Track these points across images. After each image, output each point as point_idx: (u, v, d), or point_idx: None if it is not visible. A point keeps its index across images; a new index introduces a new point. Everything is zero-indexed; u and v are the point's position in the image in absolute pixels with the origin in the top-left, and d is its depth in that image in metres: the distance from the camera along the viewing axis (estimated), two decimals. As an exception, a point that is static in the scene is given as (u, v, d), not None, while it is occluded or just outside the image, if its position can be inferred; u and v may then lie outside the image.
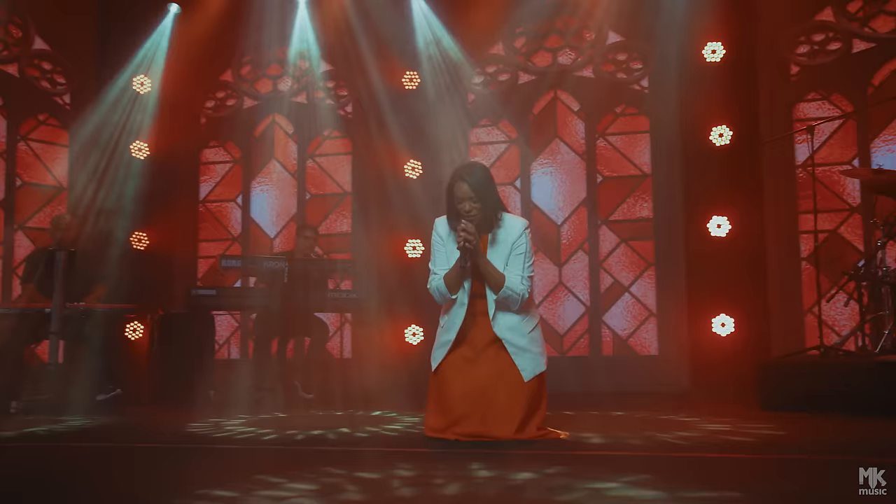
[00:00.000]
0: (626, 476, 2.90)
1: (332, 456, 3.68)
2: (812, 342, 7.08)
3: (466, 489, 2.78)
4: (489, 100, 8.08)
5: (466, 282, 3.94)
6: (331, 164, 8.49)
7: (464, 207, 3.90)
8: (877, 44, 7.28)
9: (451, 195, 3.95)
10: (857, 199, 7.19)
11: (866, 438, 3.93)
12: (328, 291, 7.01)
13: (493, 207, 3.94)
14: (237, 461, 3.64)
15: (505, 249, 3.94)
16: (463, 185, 3.89)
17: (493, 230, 3.98)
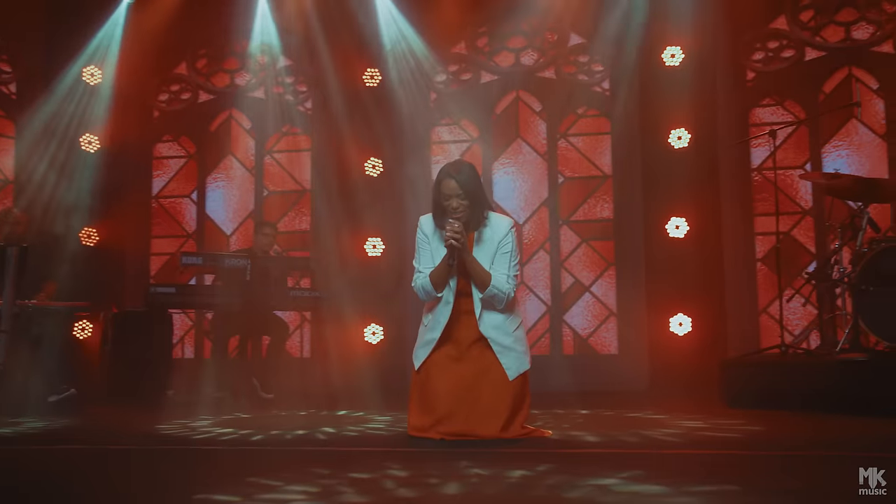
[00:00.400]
0: (626, 472, 2.93)
1: (321, 456, 3.62)
2: (767, 341, 7.28)
3: (465, 488, 2.76)
4: (452, 98, 8.07)
5: (452, 280, 3.92)
6: (290, 160, 8.36)
7: (451, 205, 3.87)
8: (827, 52, 7.51)
9: (438, 192, 3.92)
10: (809, 202, 7.40)
11: (845, 435, 4.04)
12: (291, 290, 6.92)
13: (479, 205, 3.94)
14: (227, 463, 3.55)
15: (491, 248, 3.93)
16: (451, 182, 3.87)
17: (480, 229, 3.97)
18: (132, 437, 4.33)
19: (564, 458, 3.45)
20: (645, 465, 3.17)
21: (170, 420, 4.97)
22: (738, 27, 7.59)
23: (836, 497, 2.58)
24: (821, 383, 4.95)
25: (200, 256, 6.55)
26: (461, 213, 3.87)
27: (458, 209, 3.87)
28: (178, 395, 6.57)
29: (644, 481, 2.80)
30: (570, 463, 3.30)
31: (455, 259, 3.81)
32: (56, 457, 3.74)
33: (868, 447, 3.58)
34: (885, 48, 7.43)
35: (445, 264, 3.87)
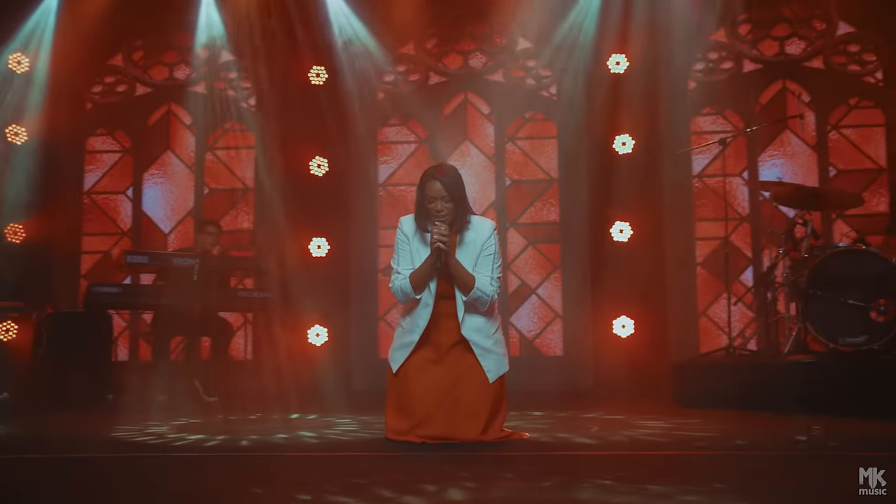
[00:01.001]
0: (624, 473, 2.97)
1: (307, 462, 3.55)
2: (706, 343, 7.52)
3: (471, 494, 2.75)
4: (399, 99, 8.04)
5: (432, 283, 3.90)
6: (232, 157, 8.17)
7: (436, 207, 3.85)
8: (763, 65, 7.81)
9: (422, 194, 3.89)
10: (746, 209, 7.67)
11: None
12: (239, 290, 6.75)
13: (463, 208, 3.93)
14: (221, 472, 3.42)
15: (474, 250, 3.92)
16: (436, 184, 3.85)
17: (462, 231, 3.95)
18: (100, 444, 4.13)
19: (561, 460, 3.47)
20: (644, 467, 3.23)
21: (122, 425, 4.77)
22: (681, 38, 7.79)
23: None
24: (771, 384, 5.13)
25: (146, 255, 6.31)
26: (445, 215, 3.86)
27: (442, 212, 3.85)
28: (117, 398, 6.33)
29: (647, 482, 2.85)
30: (569, 465, 3.33)
31: (441, 261, 3.78)
32: (15, 468, 3.53)
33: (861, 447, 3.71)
34: (815, 63, 7.78)
35: (428, 266, 3.84)
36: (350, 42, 7.88)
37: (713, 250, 7.68)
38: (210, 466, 3.49)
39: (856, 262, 5.21)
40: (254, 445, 3.98)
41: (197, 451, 3.84)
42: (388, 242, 7.96)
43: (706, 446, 3.76)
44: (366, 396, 6.86)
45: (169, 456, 3.74)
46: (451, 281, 3.88)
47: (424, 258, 3.89)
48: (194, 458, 3.71)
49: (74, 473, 3.35)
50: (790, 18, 7.80)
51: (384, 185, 8.07)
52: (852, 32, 7.77)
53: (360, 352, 7.73)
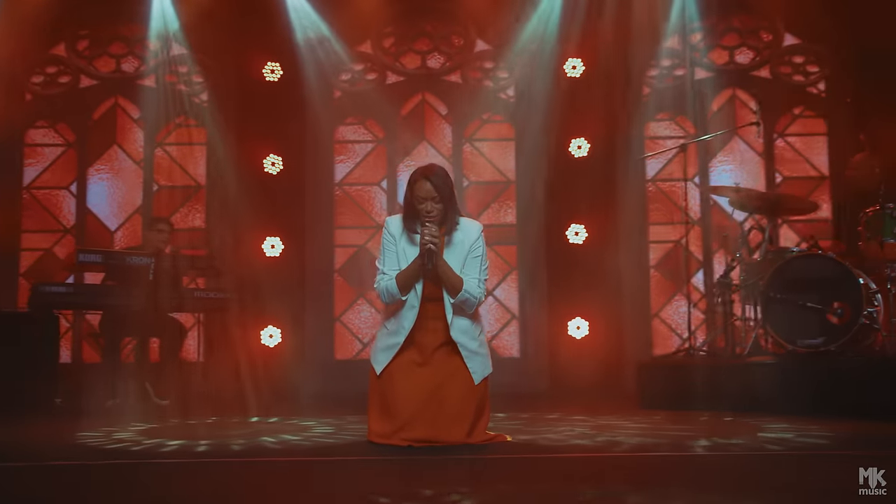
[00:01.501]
0: (630, 475, 2.99)
1: (304, 467, 3.47)
2: (659, 345, 7.68)
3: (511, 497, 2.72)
4: (356, 98, 7.96)
5: (418, 284, 3.86)
6: (183, 154, 7.94)
7: (425, 207, 3.81)
8: (714, 74, 8.01)
9: (411, 194, 3.85)
10: (698, 213, 7.85)
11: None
12: (196, 291, 6.57)
13: (452, 209, 3.89)
14: (204, 479, 3.31)
15: (462, 252, 3.90)
16: (426, 185, 3.81)
17: (451, 232, 3.92)
18: (66, 450, 3.96)
19: (555, 463, 3.48)
20: (642, 468, 3.27)
21: (90, 430, 4.58)
22: (636, 44, 7.92)
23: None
24: (733, 384, 5.25)
25: (100, 254, 6.08)
26: (435, 215, 3.82)
27: (431, 212, 3.81)
28: (65, 402, 6.09)
29: (650, 483, 2.88)
30: (565, 468, 3.35)
31: (431, 263, 3.74)
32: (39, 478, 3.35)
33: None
34: (763, 73, 8.02)
35: (416, 268, 3.80)
36: (307, 39, 7.76)
37: (666, 253, 7.84)
38: (198, 473, 3.38)
39: (813, 266, 5.38)
40: (241, 450, 3.86)
41: (189, 458, 3.70)
42: (345, 242, 7.91)
43: (698, 446, 3.81)
44: (323, 398, 6.77)
45: (160, 463, 3.60)
46: (437, 283, 3.85)
47: (412, 259, 3.84)
48: (188, 464, 3.57)
49: (66, 481, 3.20)
50: (739, 29, 8.03)
51: (340, 184, 7.98)
52: (797, 44, 8.04)
53: (315, 353, 7.62)
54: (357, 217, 7.92)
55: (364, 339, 7.80)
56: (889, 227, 5.39)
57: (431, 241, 3.72)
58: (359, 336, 7.82)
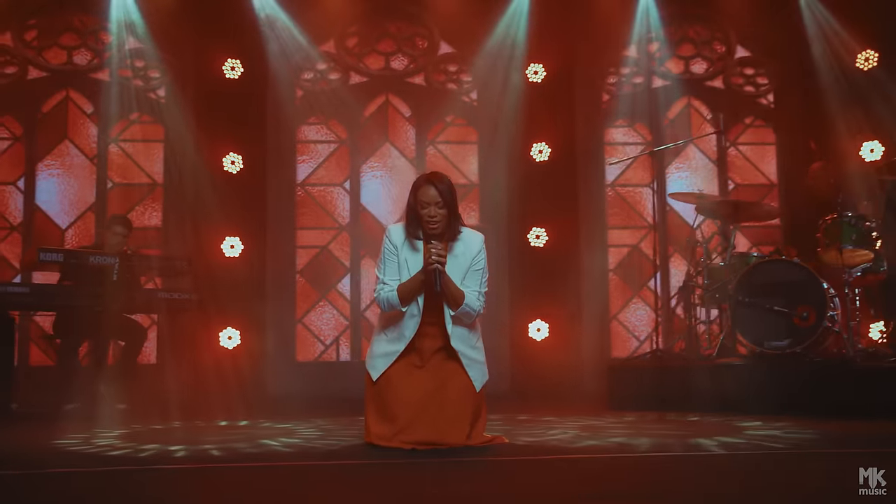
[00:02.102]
0: (663, 477, 3.05)
1: (315, 472, 3.42)
2: (617, 347, 7.84)
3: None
4: (319, 97, 7.88)
5: (420, 296, 3.85)
6: (139, 150, 7.72)
7: (429, 212, 3.79)
8: (671, 82, 8.22)
9: (415, 199, 3.83)
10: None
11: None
12: (159, 292, 6.38)
13: (456, 217, 3.88)
14: (208, 486, 3.22)
15: (464, 263, 3.90)
16: (431, 190, 3.80)
17: (453, 241, 3.91)
18: (59, 457, 3.80)
19: (563, 464, 3.51)
20: (644, 469, 3.33)
21: (66, 436, 4.41)
22: (596, 51, 8.08)
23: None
24: (703, 386, 5.40)
25: (62, 253, 5.84)
26: (438, 221, 3.81)
27: (435, 217, 3.80)
28: (21, 408, 5.85)
29: (657, 484, 2.95)
30: (576, 469, 3.39)
31: (440, 284, 3.72)
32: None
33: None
34: (716, 83, 8.28)
35: (419, 282, 3.78)
36: (269, 36, 7.64)
37: (624, 257, 8.01)
38: (198, 479, 3.29)
39: (779, 270, 5.58)
40: (236, 455, 3.77)
41: (192, 463, 3.60)
42: (307, 243, 7.82)
43: (710, 447, 3.90)
44: (286, 401, 6.69)
45: (161, 469, 3.50)
46: (439, 295, 3.82)
47: (413, 268, 3.83)
48: (185, 470, 3.48)
49: (72, 489, 3.08)
50: (695, 40, 8.27)
51: (303, 184, 7.88)
52: (748, 56, 8.32)
53: (276, 356, 7.50)
54: (319, 218, 7.84)
55: (326, 341, 7.73)
56: (847, 235, 5.62)
57: (438, 260, 3.70)
58: (321, 338, 7.74)
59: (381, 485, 3.09)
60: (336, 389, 7.15)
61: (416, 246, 3.88)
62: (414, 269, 3.84)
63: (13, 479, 3.24)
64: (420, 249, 3.87)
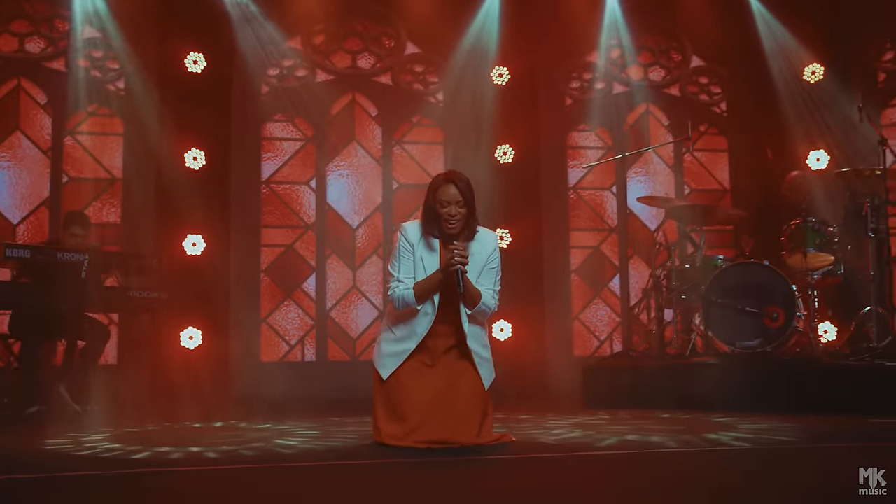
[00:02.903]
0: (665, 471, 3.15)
1: (334, 473, 3.39)
2: (578, 348, 7.98)
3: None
4: (285, 94, 7.77)
5: (435, 295, 3.86)
6: (97, 144, 7.46)
7: (449, 211, 3.80)
8: (630, 88, 8.42)
9: (433, 198, 3.83)
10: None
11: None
12: (130, 290, 6.18)
13: (474, 216, 3.90)
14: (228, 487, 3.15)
15: (479, 262, 3.92)
16: (451, 188, 3.81)
17: (469, 241, 3.93)
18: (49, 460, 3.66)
19: (582, 461, 3.58)
20: (660, 464, 3.43)
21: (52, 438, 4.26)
22: (560, 56, 8.21)
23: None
24: (677, 384, 5.59)
25: (28, 249, 5.60)
26: (458, 220, 3.82)
27: (455, 216, 3.81)
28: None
29: (671, 476, 3.05)
30: (598, 465, 3.45)
31: (463, 285, 3.72)
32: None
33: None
34: (673, 91, 8.53)
35: (436, 281, 3.79)
36: (234, 31, 7.50)
37: (586, 258, 8.16)
38: (212, 481, 3.23)
39: (751, 273, 5.80)
40: (253, 456, 3.71)
41: (202, 465, 3.52)
42: (272, 242, 7.71)
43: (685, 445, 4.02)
44: (251, 402, 6.58)
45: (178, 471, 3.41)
46: (451, 291, 3.84)
47: (429, 267, 3.84)
48: (197, 472, 3.40)
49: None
50: (653, 48, 8.48)
51: (268, 182, 7.76)
52: (702, 66, 8.59)
53: (239, 356, 7.36)
54: (284, 216, 7.74)
55: (291, 341, 7.63)
56: (811, 239, 5.90)
57: (461, 261, 3.70)
58: (286, 338, 7.63)
59: (403, 484, 3.10)
60: (301, 390, 7.08)
61: (432, 244, 3.89)
62: (430, 267, 3.85)
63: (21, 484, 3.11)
64: (436, 248, 3.88)
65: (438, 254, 3.88)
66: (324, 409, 6.00)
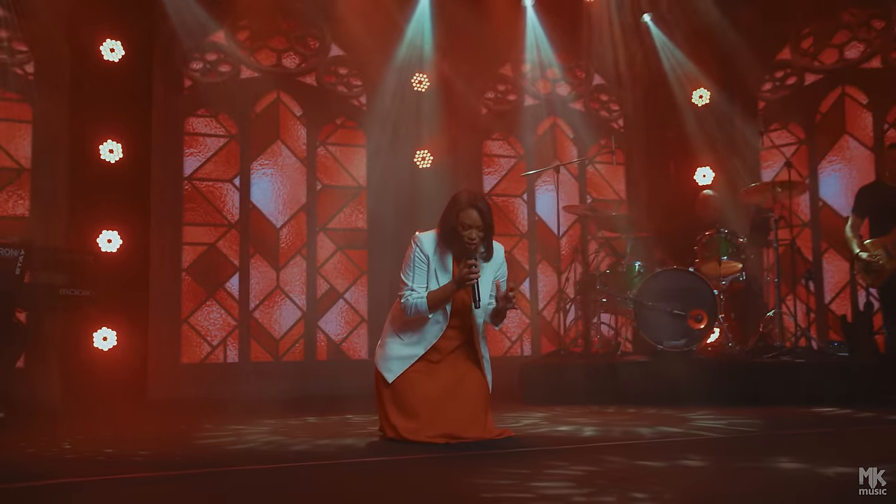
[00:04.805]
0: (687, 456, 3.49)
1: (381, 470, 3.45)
2: (494, 348, 8.29)
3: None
4: (208, 89, 7.58)
5: (447, 304, 4.02)
6: (2, 131, 6.97)
7: (470, 234, 3.93)
8: (540, 101, 8.86)
9: (455, 219, 3.93)
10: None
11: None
12: (61, 289, 5.84)
13: (490, 237, 4.05)
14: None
15: (491, 273, 4.09)
16: (473, 213, 3.93)
17: (486, 262, 4.08)
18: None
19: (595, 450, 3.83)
20: (666, 448, 3.77)
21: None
22: (477, 68, 8.50)
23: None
24: (611, 380, 6.01)
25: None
26: (477, 243, 3.97)
27: (475, 240, 3.95)
28: None
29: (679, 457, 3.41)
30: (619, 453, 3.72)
31: (479, 296, 3.89)
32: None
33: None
34: (577, 105, 9.06)
35: (449, 292, 3.94)
36: (156, 20, 7.25)
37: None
38: (255, 482, 3.24)
39: (677, 278, 6.34)
40: (265, 455, 3.70)
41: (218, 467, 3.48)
42: (194, 240, 7.50)
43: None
44: (170, 404, 6.43)
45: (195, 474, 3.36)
46: (461, 301, 4.02)
47: (443, 279, 3.99)
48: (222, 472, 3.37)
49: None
50: (562, 65, 8.94)
51: (190, 178, 7.53)
52: (602, 84, 9.18)
53: (160, 357, 7.12)
54: (207, 214, 7.54)
55: (213, 342, 7.45)
56: (724, 248, 6.53)
57: (474, 277, 3.85)
58: (207, 338, 7.44)
59: (437, 478, 3.22)
60: (225, 392, 6.97)
61: (446, 256, 4.03)
62: (443, 279, 4.00)
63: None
64: (449, 260, 4.03)
65: (452, 266, 4.03)
66: (251, 410, 5.90)
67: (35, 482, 3.13)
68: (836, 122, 8.19)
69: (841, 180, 8.09)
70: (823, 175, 8.16)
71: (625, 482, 2.98)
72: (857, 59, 8.08)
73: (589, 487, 2.87)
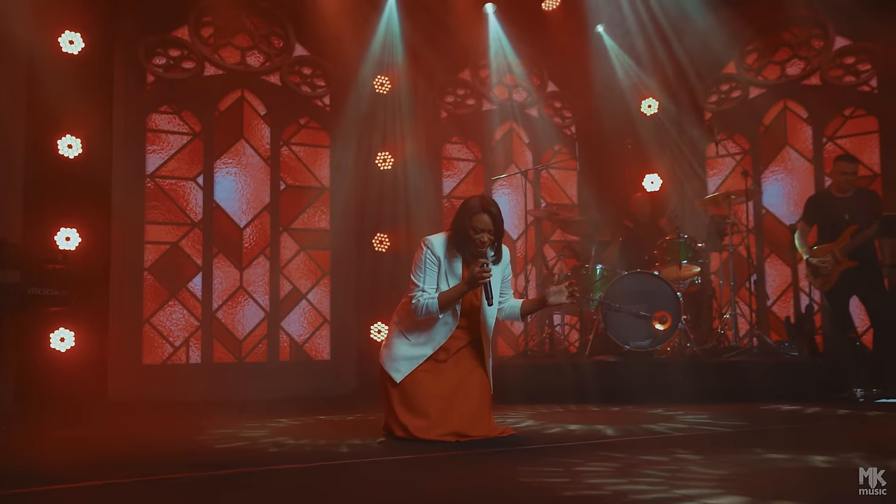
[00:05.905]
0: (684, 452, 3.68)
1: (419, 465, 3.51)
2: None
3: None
4: (171, 85, 7.45)
5: (458, 305, 4.11)
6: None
7: (482, 238, 4.04)
8: (497, 106, 9.04)
9: (467, 222, 4.03)
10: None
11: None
12: (29, 287, 5.64)
13: (500, 240, 4.17)
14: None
15: (499, 274, 4.21)
16: (485, 217, 4.03)
17: (496, 265, 4.19)
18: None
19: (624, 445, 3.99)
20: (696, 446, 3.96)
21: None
22: (439, 71, 8.61)
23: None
24: (580, 380, 6.22)
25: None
26: (488, 246, 4.08)
27: (487, 243, 4.06)
28: None
29: (675, 452, 3.61)
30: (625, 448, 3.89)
31: (491, 296, 4.01)
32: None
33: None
34: (533, 111, 9.28)
35: (459, 293, 4.04)
36: (118, 13, 7.09)
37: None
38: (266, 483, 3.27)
39: (643, 281, 6.59)
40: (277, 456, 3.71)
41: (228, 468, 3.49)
42: (156, 239, 7.36)
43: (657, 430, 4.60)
44: (132, 406, 6.32)
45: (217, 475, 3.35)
46: (470, 303, 4.13)
47: (452, 280, 4.10)
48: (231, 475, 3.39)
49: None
50: (520, 72, 9.15)
51: (152, 176, 7.38)
52: (556, 91, 9.42)
53: (119, 358, 6.96)
54: (170, 212, 7.41)
55: (175, 343, 7.32)
56: (684, 253, 6.84)
57: (486, 276, 3.95)
58: (170, 339, 7.31)
59: (461, 475, 3.32)
60: (186, 393, 6.87)
61: (456, 259, 4.12)
62: (452, 280, 4.10)
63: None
64: (459, 263, 4.13)
65: (461, 269, 4.13)
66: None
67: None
68: (778, 135, 8.64)
69: (782, 189, 8.54)
70: (766, 184, 8.59)
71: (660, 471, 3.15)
72: (798, 76, 8.54)
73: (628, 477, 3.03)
